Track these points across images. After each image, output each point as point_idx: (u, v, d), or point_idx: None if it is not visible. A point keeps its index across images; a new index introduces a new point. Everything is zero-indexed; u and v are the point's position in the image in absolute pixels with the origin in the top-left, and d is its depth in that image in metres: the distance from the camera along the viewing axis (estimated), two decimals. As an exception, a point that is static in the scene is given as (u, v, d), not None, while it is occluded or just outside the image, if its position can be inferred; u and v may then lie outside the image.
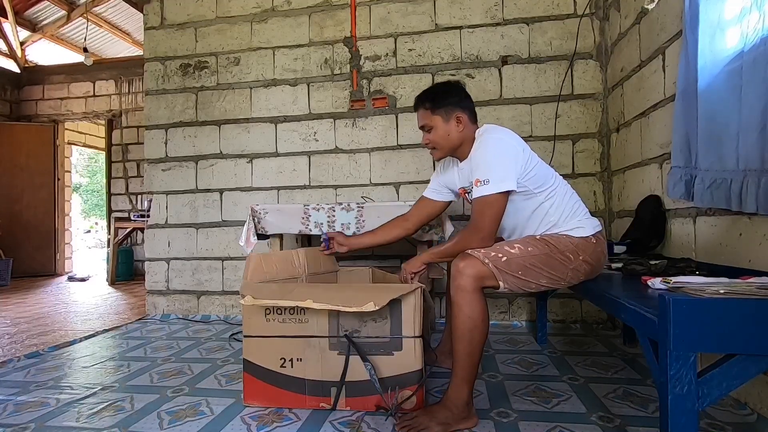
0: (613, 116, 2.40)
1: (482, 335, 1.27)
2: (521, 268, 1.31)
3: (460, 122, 1.44)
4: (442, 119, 1.45)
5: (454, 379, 1.28)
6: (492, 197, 1.31)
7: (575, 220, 1.41)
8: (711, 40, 1.40)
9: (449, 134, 1.45)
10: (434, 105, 1.45)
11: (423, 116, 1.48)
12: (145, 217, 4.30)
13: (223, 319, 2.81)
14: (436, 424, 1.23)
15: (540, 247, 1.35)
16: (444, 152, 1.50)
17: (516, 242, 1.36)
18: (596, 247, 1.40)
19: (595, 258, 1.40)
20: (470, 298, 1.27)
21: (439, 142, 1.47)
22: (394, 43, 2.71)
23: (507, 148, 1.35)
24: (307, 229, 2.07)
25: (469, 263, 1.28)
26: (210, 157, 2.93)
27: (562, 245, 1.36)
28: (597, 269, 1.42)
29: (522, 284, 1.33)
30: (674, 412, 0.83)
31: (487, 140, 1.38)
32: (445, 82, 1.52)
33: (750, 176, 1.23)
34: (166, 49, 3.00)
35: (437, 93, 1.47)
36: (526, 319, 2.53)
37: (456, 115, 1.44)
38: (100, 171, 13.03)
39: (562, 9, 2.53)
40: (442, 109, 1.44)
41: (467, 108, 1.47)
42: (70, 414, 1.44)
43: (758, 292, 0.93)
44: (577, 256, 1.36)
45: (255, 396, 1.45)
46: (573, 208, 1.44)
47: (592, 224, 1.43)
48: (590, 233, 1.40)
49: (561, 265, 1.35)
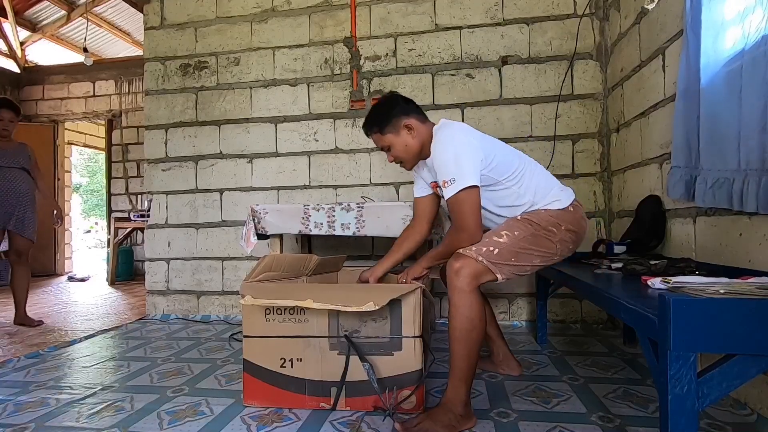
0: (613, 116, 2.40)
1: (480, 335, 1.28)
2: (513, 254, 1.34)
3: (411, 129, 1.47)
4: (393, 135, 1.48)
5: (452, 380, 1.28)
6: (462, 194, 1.32)
7: (550, 196, 1.44)
8: (714, 39, 1.40)
9: (407, 145, 1.48)
10: (381, 126, 1.48)
11: (377, 140, 1.52)
12: (145, 217, 4.30)
13: (223, 319, 2.81)
14: (441, 427, 1.23)
15: (524, 227, 1.38)
16: (411, 162, 1.54)
17: (501, 229, 1.38)
18: (575, 215, 1.45)
19: (576, 225, 1.44)
20: (468, 299, 1.27)
21: (402, 156, 1.50)
22: (394, 43, 2.71)
23: (462, 145, 1.36)
24: (307, 229, 2.07)
25: (464, 263, 1.29)
26: (210, 157, 2.93)
27: (543, 221, 1.39)
28: (581, 236, 1.47)
29: (517, 270, 1.36)
30: (674, 412, 0.83)
31: (442, 140, 1.40)
32: (381, 100, 1.55)
33: (751, 176, 1.23)
34: (166, 49, 3.00)
35: (379, 114, 1.50)
36: (526, 319, 2.53)
37: (404, 124, 1.47)
38: (100, 171, 13.04)
39: (562, 9, 2.53)
40: (390, 126, 1.47)
41: (412, 112, 1.49)
42: (70, 414, 1.44)
43: (758, 292, 0.93)
44: (560, 227, 1.40)
45: (255, 396, 1.45)
46: (545, 184, 1.46)
47: (567, 195, 1.47)
48: (567, 203, 1.44)
49: (547, 240, 1.38)
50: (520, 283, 2.54)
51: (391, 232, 1.98)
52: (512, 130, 2.56)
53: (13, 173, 2.74)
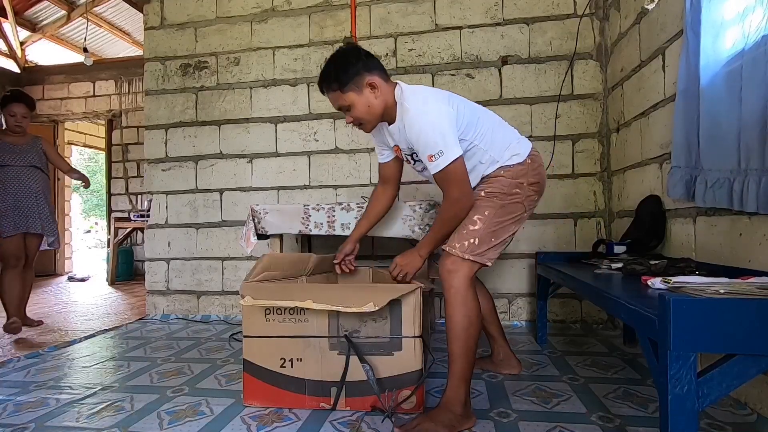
0: (613, 116, 2.40)
1: (477, 332, 1.31)
2: (491, 235, 1.35)
3: (374, 88, 1.35)
4: (355, 94, 1.35)
5: (452, 379, 1.28)
6: (450, 167, 1.28)
7: (509, 150, 1.42)
8: (714, 39, 1.40)
9: (369, 105, 1.36)
10: (341, 83, 1.34)
11: (336, 98, 1.38)
12: (145, 217, 4.30)
13: (223, 319, 2.81)
14: (442, 427, 1.22)
15: (492, 203, 1.37)
16: (372, 124, 1.43)
17: (472, 214, 1.36)
18: (533, 166, 1.43)
19: (537, 176, 1.44)
20: (464, 298, 1.30)
21: (364, 117, 1.39)
22: (394, 43, 2.71)
23: (438, 115, 1.30)
24: (307, 229, 2.07)
25: (455, 264, 1.32)
26: (210, 157, 2.93)
27: (506, 187, 1.38)
28: (543, 185, 1.47)
29: (500, 246, 1.39)
30: (674, 412, 0.83)
31: (417, 112, 1.31)
32: (340, 52, 1.39)
33: (751, 176, 1.23)
34: (166, 49, 3.00)
35: (339, 68, 1.35)
36: (526, 319, 2.53)
37: (367, 81, 1.34)
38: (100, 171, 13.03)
39: (562, 9, 2.53)
40: (351, 83, 1.34)
41: (374, 68, 1.37)
42: (70, 414, 1.44)
43: (758, 292, 0.94)
44: (522, 185, 1.40)
45: (255, 396, 1.45)
46: (504, 138, 1.43)
47: (524, 147, 1.45)
48: (525, 156, 1.43)
49: (515, 204, 1.39)
50: (520, 283, 2.54)
51: (392, 231, 1.98)
52: (512, 130, 2.56)
53: (27, 173, 2.62)
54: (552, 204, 2.51)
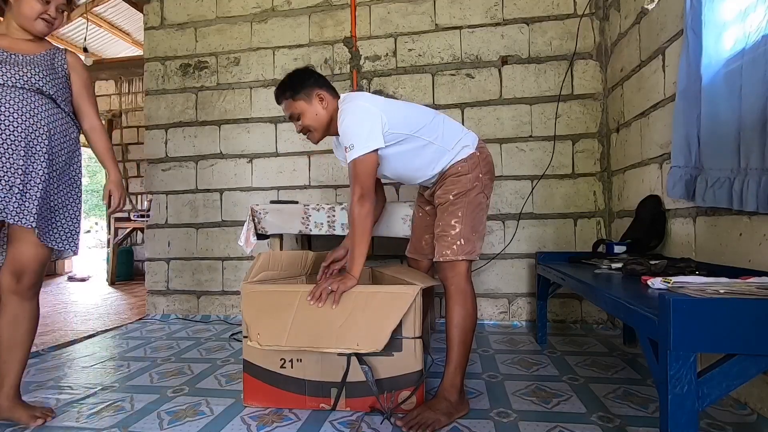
0: (613, 116, 2.40)
1: (474, 322, 1.41)
2: (471, 230, 1.45)
3: (322, 99, 1.51)
4: (305, 102, 1.50)
5: (449, 368, 1.36)
6: (359, 159, 1.37)
7: (460, 143, 1.51)
8: (714, 39, 1.40)
9: (317, 114, 1.51)
10: (294, 92, 1.50)
11: (288, 106, 1.53)
12: (145, 217, 4.30)
13: (223, 319, 2.81)
14: (442, 414, 1.29)
15: (461, 203, 1.46)
16: (320, 132, 1.55)
17: (449, 219, 1.45)
18: (482, 156, 1.54)
19: (488, 165, 1.55)
20: (464, 292, 1.41)
21: (312, 124, 1.52)
22: (394, 43, 2.71)
23: (363, 112, 1.41)
24: (307, 229, 2.07)
25: (452, 269, 1.42)
26: (210, 157, 2.93)
27: (468, 183, 1.48)
28: (494, 171, 1.59)
29: (480, 235, 1.49)
30: (674, 412, 0.83)
31: (345, 110, 1.44)
32: (296, 70, 1.58)
33: (751, 175, 1.23)
34: (166, 49, 3.00)
35: (294, 80, 1.53)
36: (526, 319, 2.53)
37: (316, 94, 1.50)
38: (100, 171, 13.03)
39: (562, 9, 2.53)
40: (302, 93, 1.50)
41: (324, 86, 1.54)
42: (70, 414, 1.44)
43: (758, 292, 0.94)
44: (478, 177, 1.50)
45: (255, 396, 1.45)
46: (454, 134, 1.52)
47: (471, 138, 1.55)
48: (474, 147, 1.53)
49: (478, 195, 1.49)
50: (520, 283, 2.54)
51: (392, 231, 1.98)
52: (512, 130, 2.56)
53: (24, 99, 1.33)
54: (552, 204, 2.51)
